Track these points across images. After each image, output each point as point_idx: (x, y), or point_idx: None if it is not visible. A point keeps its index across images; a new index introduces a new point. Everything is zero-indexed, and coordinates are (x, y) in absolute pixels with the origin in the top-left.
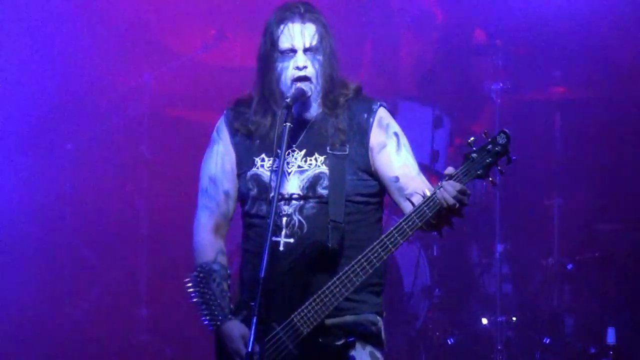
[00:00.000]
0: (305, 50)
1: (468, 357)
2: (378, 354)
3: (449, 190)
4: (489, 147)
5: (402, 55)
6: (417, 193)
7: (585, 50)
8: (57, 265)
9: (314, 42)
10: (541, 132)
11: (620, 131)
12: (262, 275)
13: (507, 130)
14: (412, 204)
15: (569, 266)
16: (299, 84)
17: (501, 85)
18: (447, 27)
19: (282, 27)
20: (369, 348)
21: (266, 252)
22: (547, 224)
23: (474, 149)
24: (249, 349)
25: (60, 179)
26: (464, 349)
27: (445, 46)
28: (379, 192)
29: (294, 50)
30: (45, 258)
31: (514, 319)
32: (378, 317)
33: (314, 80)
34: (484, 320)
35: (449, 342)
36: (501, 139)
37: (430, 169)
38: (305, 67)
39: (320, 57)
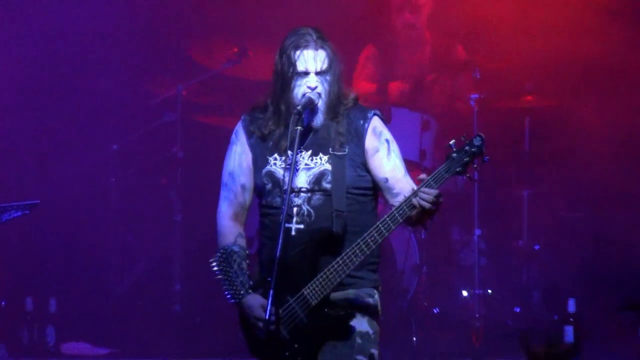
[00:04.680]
0: (317, 73)
1: (451, 324)
2: (374, 323)
3: (424, 197)
4: (466, 148)
5: (399, 69)
6: (402, 195)
7: (547, 64)
8: (105, 246)
9: (324, 67)
10: (513, 134)
11: (579, 132)
12: (278, 256)
13: (482, 134)
14: (394, 206)
15: (536, 247)
16: (308, 93)
17: (478, 95)
18: (435, 45)
19: (298, 52)
20: (367, 317)
21: (281, 237)
22: (517, 212)
23: (454, 149)
24: (267, 316)
25: (107, 174)
26: (447, 317)
27: (433, 61)
28: (374, 185)
29: (307, 73)
30: (96, 240)
31: (489, 291)
32: (375, 291)
33: (323, 96)
34: (464, 293)
35: (435, 312)
36: (477, 142)
37: (419, 165)
38: (316, 87)
39: (328, 78)
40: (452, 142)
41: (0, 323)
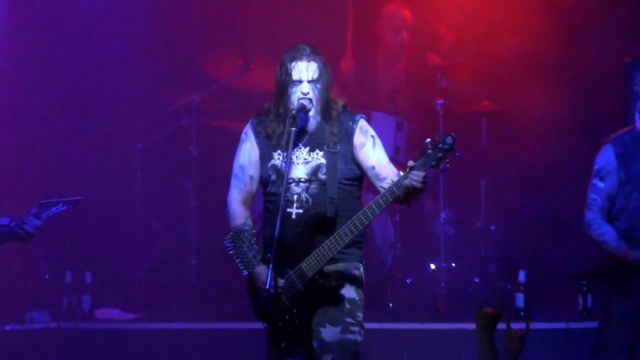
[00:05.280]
0: (309, 81)
1: (421, 292)
2: (360, 291)
3: (415, 178)
4: (440, 145)
5: (379, 77)
6: (389, 178)
7: (498, 74)
8: (133, 228)
9: (315, 76)
10: (472, 134)
11: (528, 131)
12: (276, 235)
13: (453, 134)
14: (383, 188)
15: (492, 227)
16: (301, 99)
17: (443, 100)
18: (410, 57)
19: (293, 64)
20: (354, 287)
21: (278, 219)
22: (476, 198)
23: (430, 147)
24: (267, 286)
25: (134, 169)
26: (418, 286)
27: (407, 72)
28: (361, 177)
29: (301, 81)
30: (125, 223)
31: (453, 265)
32: (360, 265)
33: (314, 101)
34: (432, 266)
35: (408, 282)
36: (449, 140)
37: (394, 159)
38: (308, 92)
39: (319, 86)
40: (427, 140)
41: (44, 292)
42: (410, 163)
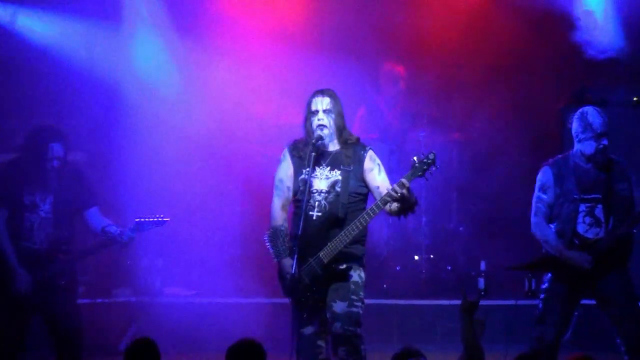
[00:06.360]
0: (324, 111)
1: (406, 276)
2: (362, 275)
3: (397, 188)
4: (424, 159)
5: (380, 120)
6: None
7: (468, 113)
8: (193, 223)
9: (328, 107)
10: (445, 158)
11: (487, 155)
12: (300, 233)
13: (434, 152)
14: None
15: (461, 228)
16: (318, 132)
17: (423, 133)
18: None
19: (313, 99)
20: (358, 271)
21: (302, 219)
22: (449, 206)
23: (417, 161)
24: (292, 271)
25: (231, 164)
26: (404, 273)
27: (401, 112)
28: (366, 195)
29: (317, 111)
30: (185, 222)
31: (431, 256)
32: (363, 255)
33: (329, 128)
34: (416, 257)
35: (397, 269)
36: (431, 156)
37: (388, 176)
38: (322, 119)
39: (332, 115)
40: (415, 157)
41: (126, 274)
42: (402, 180)
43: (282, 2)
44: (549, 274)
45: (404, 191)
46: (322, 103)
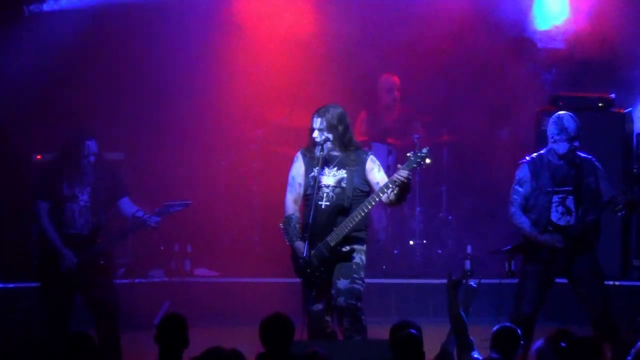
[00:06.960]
0: (318, 129)
1: (403, 259)
2: (364, 257)
3: (401, 173)
4: (418, 153)
5: (380, 122)
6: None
7: (456, 117)
8: (217, 216)
9: (322, 126)
10: (437, 156)
11: (473, 153)
12: (311, 221)
13: (427, 147)
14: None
15: (450, 218)
16: (317, 139)
17: (417, 136)
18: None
19: (313, 117)
20: (361, 254)
21: (312, 210)
22: (439, 198)
23: (412, 155)
24: (304, 254)
25: (249, 162)
26: (401, 255)
27: (397, 119)
28: (368, 191)
29: (314, 129)
30: (211, 212)
31: (424, 241)
32: (365, 240)
33: (325, 141)
34: (411, 242)
35: (395, 252)
36: (425, 150)
37: (386, 174)
38: (316, 137)
39: (326, 132)
40: (410, 153)
41: (160, 257)
42: (399, 166)
43: (294, 14)
44: (526, 257)
45: (403, 177)
46: (316, 123)
